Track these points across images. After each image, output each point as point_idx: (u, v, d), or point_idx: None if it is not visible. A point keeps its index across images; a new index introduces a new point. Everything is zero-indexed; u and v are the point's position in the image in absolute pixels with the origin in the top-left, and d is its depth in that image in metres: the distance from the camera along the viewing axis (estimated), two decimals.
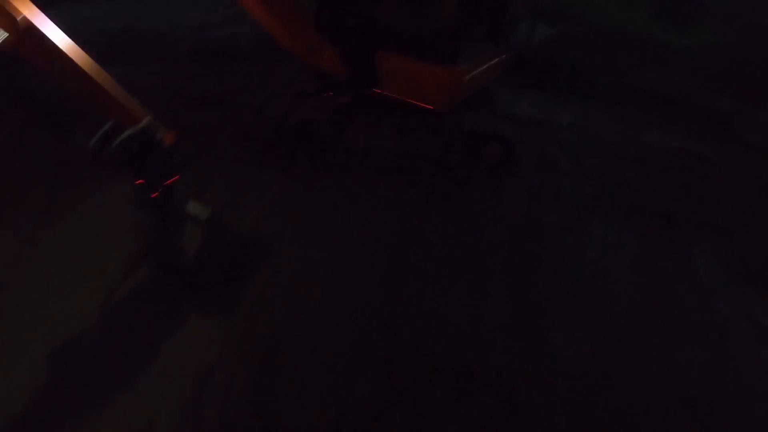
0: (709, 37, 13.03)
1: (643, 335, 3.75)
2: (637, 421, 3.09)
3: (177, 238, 3.56)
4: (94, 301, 3.52)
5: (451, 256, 3.92)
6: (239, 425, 2.85)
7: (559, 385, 3.22)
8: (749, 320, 4.18)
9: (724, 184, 6.40)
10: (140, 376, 3.06)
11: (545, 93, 7.05)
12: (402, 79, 4.50)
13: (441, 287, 3.68)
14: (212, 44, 9.36)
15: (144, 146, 3.20)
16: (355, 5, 4.65)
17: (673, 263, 4.62)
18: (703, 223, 5.35)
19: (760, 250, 5.23)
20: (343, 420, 2.88)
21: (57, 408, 2.89)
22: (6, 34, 2.57)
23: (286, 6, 3.75)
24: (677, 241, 4.95)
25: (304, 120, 4.90)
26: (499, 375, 3.22)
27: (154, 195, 3.33)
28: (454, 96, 4.49)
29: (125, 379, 3.05)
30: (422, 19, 4.53)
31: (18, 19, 2.55)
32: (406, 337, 3.38)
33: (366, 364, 3.20)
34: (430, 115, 4.59)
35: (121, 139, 3.11)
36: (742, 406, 3.30)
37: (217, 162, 5.04)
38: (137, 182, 3.29)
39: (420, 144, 4.71)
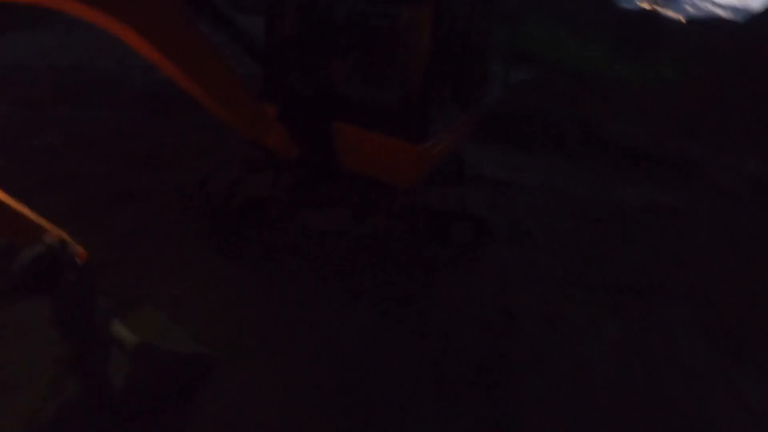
0: (667, 73, 13.30)
1: None
2: None
3: (101, 366, 3.01)
4: (17, 421, 2.95)
5: (415, 366, 3.47)
6: None
7: None
8: (739, 403, 3.91)
9: (699, 240, 6.24)
10: None
11: (512, 146, 6.80)
12: (360, 153, 4.05)
13: (405, 409, 3.21)
14: (162, 87, 8.81)
15: (52, 267, 2.67)
16: (307, 72, 4.22)
17: (656, 345, 4.33)
18: (682, 293, 5.11)
19: (742, 315, 5.03)
20: None
21: None
22: None
23: (220, 74, 3.24)
24: (658, 319, 4.68)
25: (253, 196, 4.40)
26: None
27: (70, 319, 2.80)
28: (420, 172, 4.08)
29: None
30: (385, 90, 4.12)
31: None
32: None
33: None
34: (391, 191, 4.17)
35: (24, 262, 2.57)
36: None
37: (155, 244, 4.49)
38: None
39: (381, 225, 4.29)
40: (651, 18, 19.24)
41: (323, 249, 4.27)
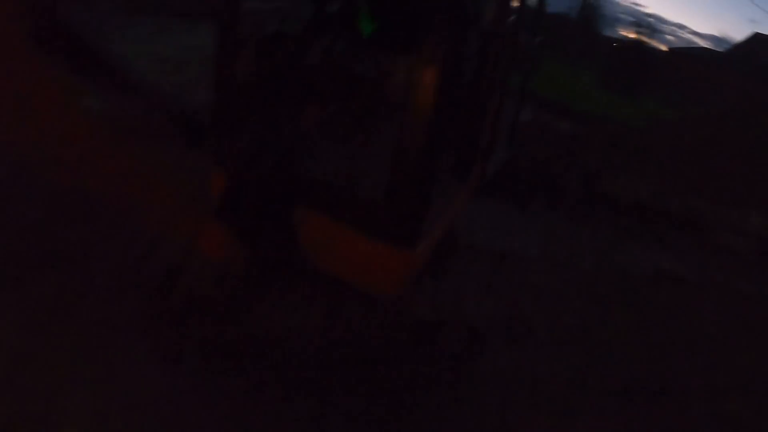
0: (656, 109, 12.95)
1: None
2: None
3: None
4: None
5: None
6: None
7: None
8: None
9: (711, 319, 5.69)
10: None
11: (508, 203, 6.13)
12: (331, 251, 3.06)
13: None
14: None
15: None
16: (264, 138, 3.31)
17: None
18: (701, 394, 4.54)
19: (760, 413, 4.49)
20: None
21: None
22: None
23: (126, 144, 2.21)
24: (676, 426, 4.05)
25: (197, 290, 3.53)
26: None
27: None
28: (408, 281, 3.14)
29: None
30: (367, 171, 3.08)
31: None
32: None
33: None
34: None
35: None
36: None
37: (72, 335, 3.58)
38: None
39: (354, 333, 3.46)
40: (637, 47, 19.16)
41: (281, 360, 3.42)
